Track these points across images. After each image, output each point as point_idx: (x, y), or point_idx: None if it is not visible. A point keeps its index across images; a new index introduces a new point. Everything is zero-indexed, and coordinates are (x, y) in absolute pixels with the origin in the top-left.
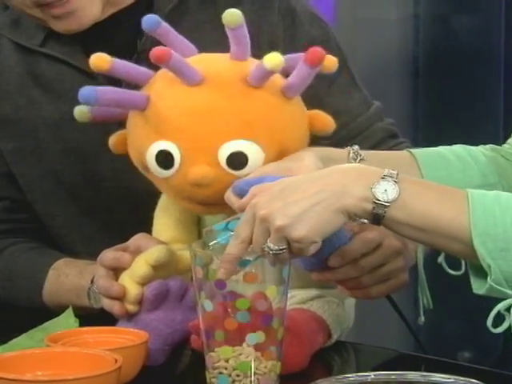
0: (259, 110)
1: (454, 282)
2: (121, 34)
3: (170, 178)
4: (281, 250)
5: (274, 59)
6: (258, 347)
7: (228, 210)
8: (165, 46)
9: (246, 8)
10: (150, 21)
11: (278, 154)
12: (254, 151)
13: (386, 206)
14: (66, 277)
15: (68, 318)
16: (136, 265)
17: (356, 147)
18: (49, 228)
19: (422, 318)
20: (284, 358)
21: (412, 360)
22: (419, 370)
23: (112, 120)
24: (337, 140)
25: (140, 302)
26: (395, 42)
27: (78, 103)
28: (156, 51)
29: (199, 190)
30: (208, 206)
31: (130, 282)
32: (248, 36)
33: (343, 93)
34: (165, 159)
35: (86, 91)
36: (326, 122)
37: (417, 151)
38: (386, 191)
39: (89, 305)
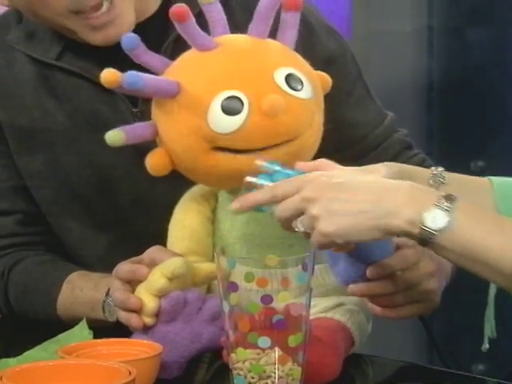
0: (283, 50)
1: (468, 294)
2: None
3: (242, 126)
4: (305, 233)
5: None
6: (272, 351)
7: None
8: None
9: None
10: (128, 40)
11: (316, 94)
12: (302, 75)
13: (433, 234)
14: (80, 290)
15: (82, 330)
16: (152, 277)
17: (440, 169)
18: (63, 241)
19: (487, 346)
20: (320, 369)
21: (427, 372)
22: (434, 382)
23: (143, 140)
24: (356, 152)
25: (157, 314)
26: (409, 54)
27: (94, 117)
28: (176, 8)
29: (275, 123)
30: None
31: (146, 295)
32: (223, 12)
33: (360, 105)
34: (232, 105)
35: (130, 77)
36: (325, 78)
37: (496, 179)
38: (435, 219)
39: (103, 318)
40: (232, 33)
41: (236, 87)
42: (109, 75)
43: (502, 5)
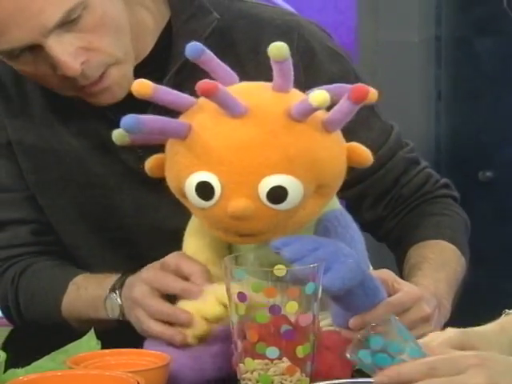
0: (301, 145)
1: (476, 303)
2: None
3: (209, 208)
4: None
5: (319, 97)
6: (280, 361)
7: (264, 239)
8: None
9: (263, 50)
10: (193, 48)
11: (316, 187)
12: (294, 185)
13: None
14: (84, 289)
15: (90, 340)
16: (207, 303)
17: None
18: (76, 258)
19: None
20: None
21: None
22: None
23: (150, 143)
24: (360, 174)
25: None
26: (417, 65)
27: (99, 143)
28: (203, 85)
29: (238, 223)
30: (244, 236)
31: (198, 318)
32: (292, 69)
33: (364, 126)
34: (204, 190)
35: (128, 120)
36: (363, 155)
37: None
38: None
39: (105, 316)
40: (232, 63)
41: (219, 174)
42: (141, 87)
43: (509, 15)
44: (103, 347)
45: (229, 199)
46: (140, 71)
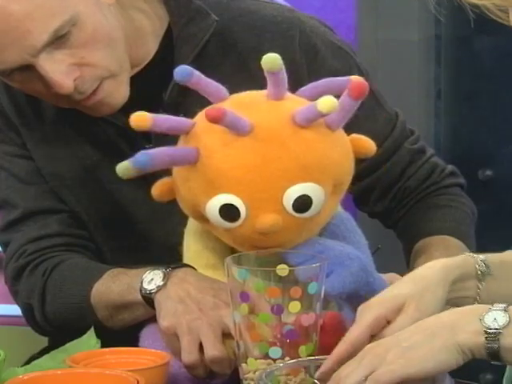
0: (312, 151)
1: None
2: (145, 89)
3: (235, 229)
4: None
5: (328, 103)
6: (283, 361)
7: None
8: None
9: (266, 48)
10: (182, 73)
11: (333, 187)
12: (316, 191)
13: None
14: (124, 274)
15: (90, 339)
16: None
17: (482, 257)
18: (102, 261)
19: None
20: None
21: None
22: None
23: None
24: (366, 169)
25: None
26: (417, 63)
27: (111, 149)
28: (210, 112)
29: (266, 238)
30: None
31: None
32: (286, 77)
33: (368, 117)
34: (229, 212)
35: (140, 158)
36: (367, 145)
37: None
38: (495, 319)
39: (138, 297)
40: (235, 62)
41: (240, 195)
42: (138, 119)
43: None
44: (103, 346)
45: (255, 217)
46: (145, 76)
